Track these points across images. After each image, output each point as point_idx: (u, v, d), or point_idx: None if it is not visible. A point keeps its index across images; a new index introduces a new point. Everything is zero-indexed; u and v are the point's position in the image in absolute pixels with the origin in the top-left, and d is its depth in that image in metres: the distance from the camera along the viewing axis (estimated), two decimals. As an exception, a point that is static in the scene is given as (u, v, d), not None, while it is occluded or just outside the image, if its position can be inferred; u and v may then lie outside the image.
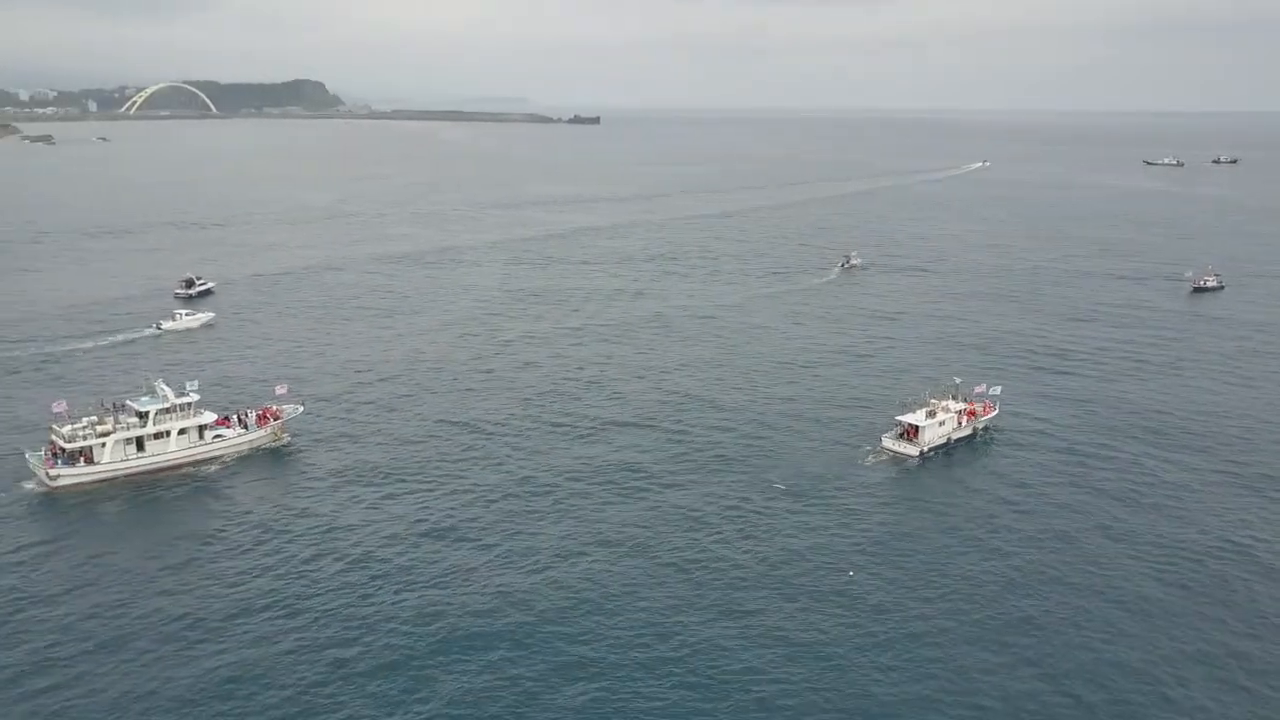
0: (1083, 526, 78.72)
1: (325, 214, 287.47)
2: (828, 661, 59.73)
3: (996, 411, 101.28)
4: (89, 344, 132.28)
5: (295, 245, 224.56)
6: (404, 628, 62.75)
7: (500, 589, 67.60)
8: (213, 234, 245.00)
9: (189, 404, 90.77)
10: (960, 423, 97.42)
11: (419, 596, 66.55)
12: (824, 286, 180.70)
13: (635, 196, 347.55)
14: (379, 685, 56.99)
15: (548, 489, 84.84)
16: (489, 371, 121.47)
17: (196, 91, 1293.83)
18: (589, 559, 71.93)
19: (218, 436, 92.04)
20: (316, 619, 63.73)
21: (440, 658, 59.71)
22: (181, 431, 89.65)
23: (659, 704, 55.70)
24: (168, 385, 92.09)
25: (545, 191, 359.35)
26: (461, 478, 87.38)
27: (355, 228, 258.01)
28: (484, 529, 77.03)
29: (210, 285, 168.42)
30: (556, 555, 72.56)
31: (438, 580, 68.87)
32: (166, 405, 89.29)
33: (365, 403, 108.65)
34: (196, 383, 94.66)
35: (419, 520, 78.39)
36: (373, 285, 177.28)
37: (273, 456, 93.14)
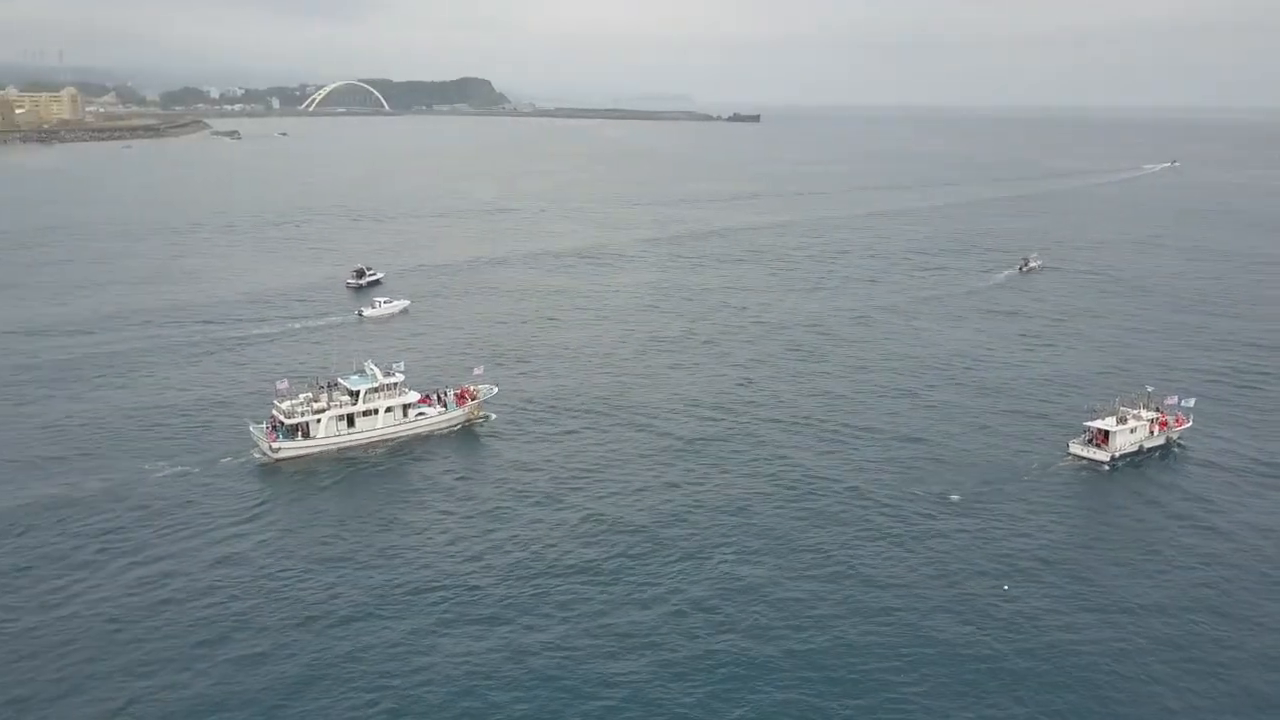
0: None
1: (489, 209, 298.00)
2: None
3: (1189, 424, 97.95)
4: (297, 325, 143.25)
5: (460, 239, 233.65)
6: (573, 616, 65.81)
7: (671, 590, 69.49)
8: (383, 226, 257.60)
9: (395, 384, 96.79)
10: (1152, 432, 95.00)
11: (589, 582, 69.62)
12: (994, 289, 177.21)
13: (793, 195, 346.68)
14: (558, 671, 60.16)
15: (717, 485, 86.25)
16: (649, 365, 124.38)
17: (370, 89, 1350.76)
18: (760, 566, 71.92)
19: (420, 414, 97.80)
20: (500, 600, 67.39)
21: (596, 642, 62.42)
22: (388, 409, 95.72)
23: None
24: (376, 366, 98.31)
25: (702, 189, 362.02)
26: (629, 468, 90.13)
27: (517, 223, 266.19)
28: (654, 523, 78.86)
29: (379, 275, 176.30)
30: (732, 556, 73.47)
31: (618, 566, 71.78)
32: (375, 385, 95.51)
33: (547, 387, 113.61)
34: (403, 364, 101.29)
35: (600, 509, 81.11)
36: (537, 279, 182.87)
37: (470, 434, 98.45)
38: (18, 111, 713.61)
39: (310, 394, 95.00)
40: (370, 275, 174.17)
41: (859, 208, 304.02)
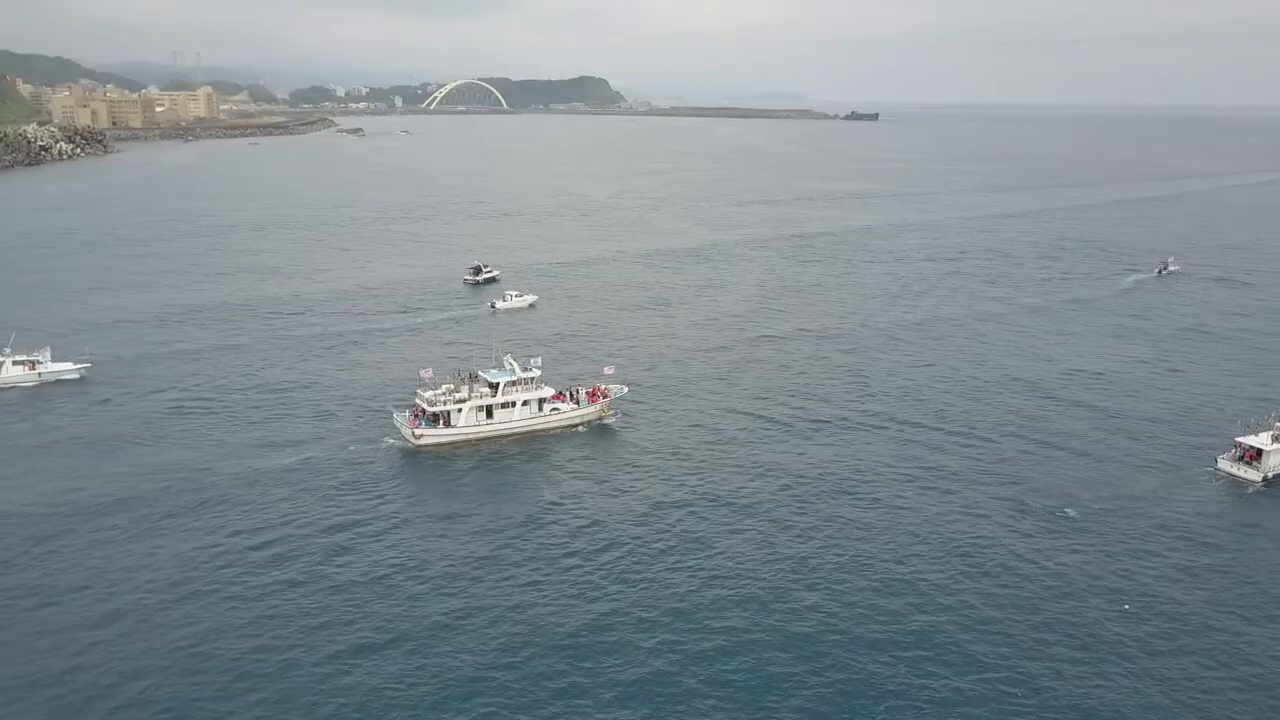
0: None
1: (602, 207, 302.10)
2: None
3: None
4: (419, 319, 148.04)
5: (574, 237, 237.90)
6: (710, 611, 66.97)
7: (787, 587, 70.45)
8: (499, 223, 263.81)
9: (532, 378, 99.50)
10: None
11: (713, 578, 70.63)
12: (1125, 293, 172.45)
13: (910, 195, 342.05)
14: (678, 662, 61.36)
15: (833, 491, 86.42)
16: (764, 366, 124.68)
17: (490, 88, 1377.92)
18: (876, 571, 72.12)
19: (554, 410, 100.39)
20: (618, 594, 69.03)
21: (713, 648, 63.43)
22: (524, 403, 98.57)
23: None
24: (514, 360, 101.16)
25: (815, 188, 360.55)
26: (754, 463, 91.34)
27: (630, 221, 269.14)
28: (771, 524, 79.82)
29: (496, 273, 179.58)
30: (848, 562, 73.95)
31: (735, 566, 72.81)
32: (514, 378, 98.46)
33: (669, 385, 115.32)
34: (540, 359, 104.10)
35: (724, 507, 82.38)
36: (651, 277, 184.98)
37: (599, 431, 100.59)
38: (158, 110, 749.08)
39: (452, 384, 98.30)
40: (487, 272, 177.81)
41: (979, 209, 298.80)
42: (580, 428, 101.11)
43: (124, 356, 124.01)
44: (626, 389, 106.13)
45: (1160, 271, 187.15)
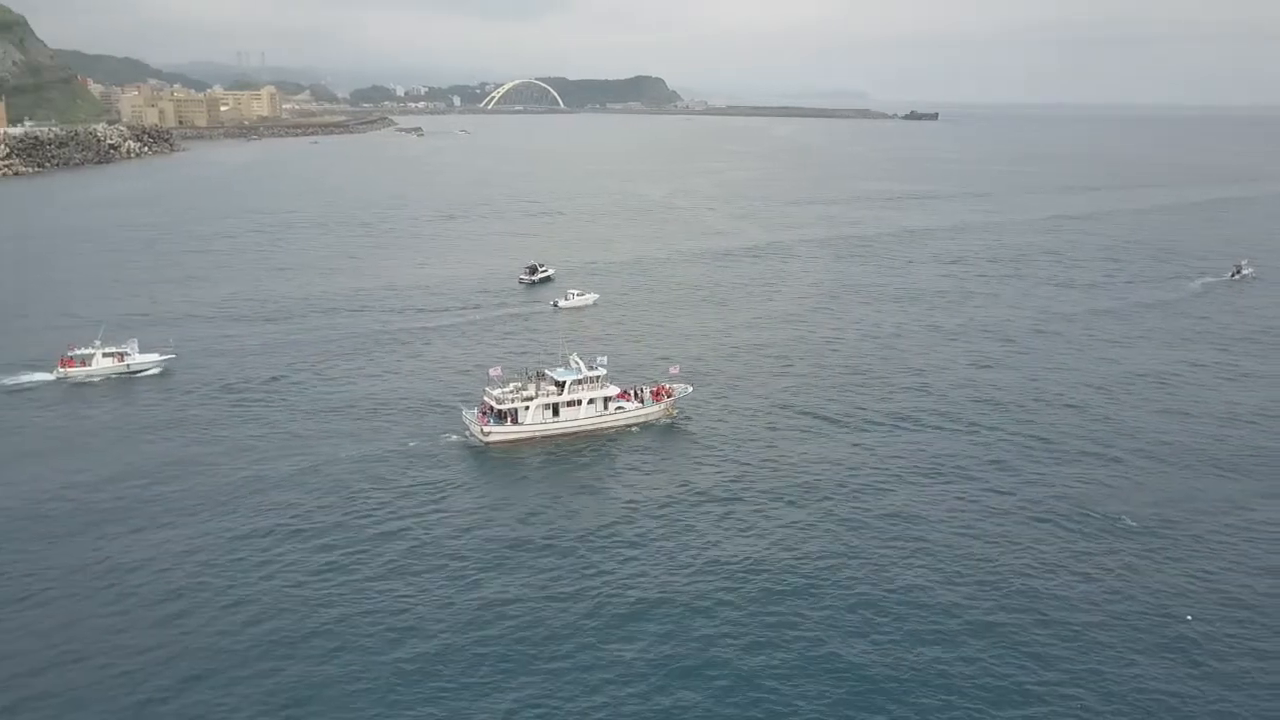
0: None
1: (658, 206, 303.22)
2: None
3: None
4: (477, 316, 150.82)
5: (630, 236, 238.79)
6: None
7: (845, 597, 70.72)
8: (555, 222, 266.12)
9: (598, 377, 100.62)
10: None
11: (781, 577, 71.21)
12: (1193, 298, 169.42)
13: (971, 195, 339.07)
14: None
15: (892, 491, 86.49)
16: (826, 367, 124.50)
17: (547, 87, 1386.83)
18: (931, 576, 72.26)
19: (619, 408, 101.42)
20: (688, 591, 69.70)
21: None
22: (590, 401, 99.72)
23: None
24: (580, 359, 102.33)
25: (874, 188, 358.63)
26: (815, 461, 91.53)
27: (686, 220, 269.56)
28: (837, 525, 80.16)
29: (551, 272, 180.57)
30: (899, 561, 74.31)
31: (794, 566, 73.27)
32: (580, 377, 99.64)
33: (736, 385, 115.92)
34: (605, 358, 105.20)
35: (782, 510, 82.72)
36: (708, 277, 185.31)
37: (664, 430, 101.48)
38: (223, 109, 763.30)
39: (519, 382, 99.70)
40: (542, 271, 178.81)
41: (1041, 209, 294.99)
42: (635, 428, 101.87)
43: (197, 349, 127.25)
44: (691, 388, 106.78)
45: (1234, 275, 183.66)
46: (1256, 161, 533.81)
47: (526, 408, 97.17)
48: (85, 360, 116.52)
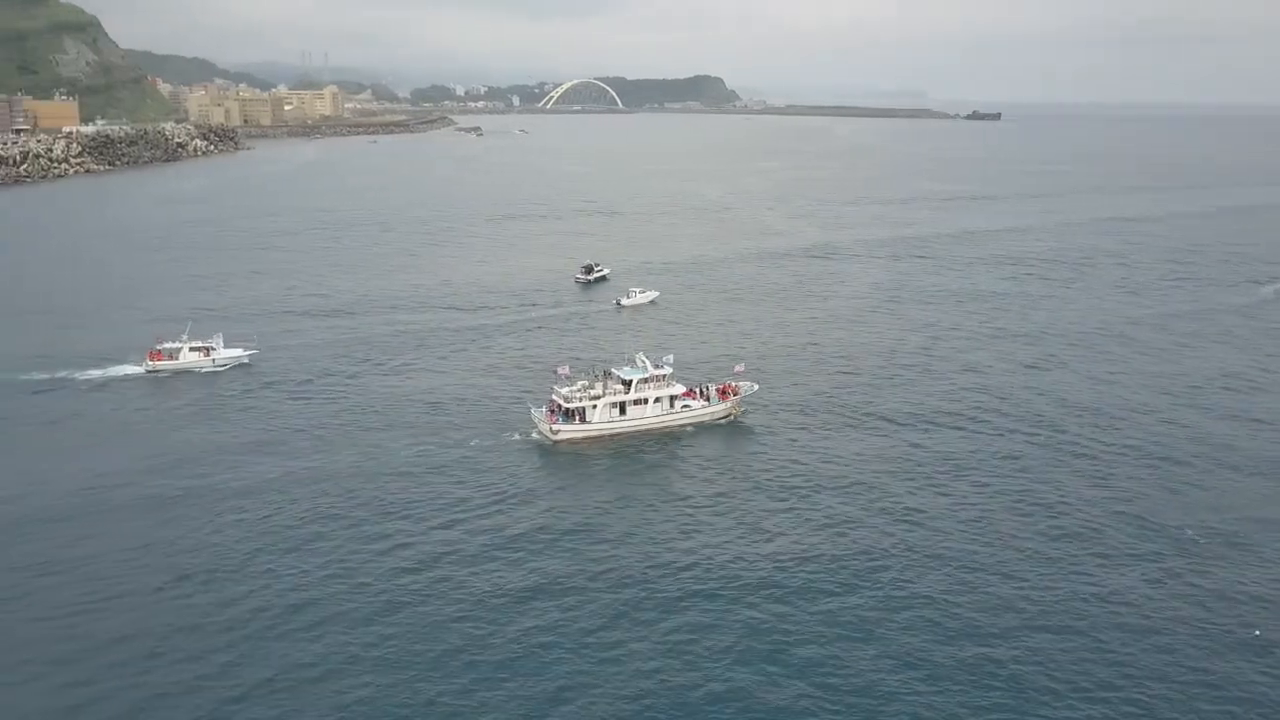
0: None
1: (714, 206, 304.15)
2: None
3: None
4: (534, 314, 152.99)
5: (688, 236, 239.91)
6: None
7: (911, 598, 71.21)
8: (611, 221, 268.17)
9: (664, 375, 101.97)
10: None
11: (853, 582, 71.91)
12: (1266, 303, 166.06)
13: (1035, 196, 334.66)
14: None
15: (958, 495, 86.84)
16: (889, 368, 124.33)
17: (605, 87, 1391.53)
18: (1001, 583, 72.42)
19: (685, 407, 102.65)
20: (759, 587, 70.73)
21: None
22: (657, 400, 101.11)
23: None
24: (647, 357, 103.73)
25: (935, 189, 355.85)
26: (873, 472, 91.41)
27: (743, 220, 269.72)
28: (896, 525, 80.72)
29: (606, 271, 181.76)
30: (955, 571, 74.61)
31: (860, 567, 73.85)
32: (646, 375, 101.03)
33: (800, 384, 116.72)
34: (671, 356, 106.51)
35: (846, 510, 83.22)
36: (766, 277, 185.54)
37: (730, 428, 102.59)
38: (286, 108, 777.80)
39: (586, 381, 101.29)
40: (598, 271, 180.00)
41: (1106, 211, 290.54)
42: (711, 425, 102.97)
43: (270, 344, 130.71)
44: (757, 386, 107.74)
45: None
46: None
47: (594, 406, 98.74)
48: (173, 354, 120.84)
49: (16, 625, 63.95)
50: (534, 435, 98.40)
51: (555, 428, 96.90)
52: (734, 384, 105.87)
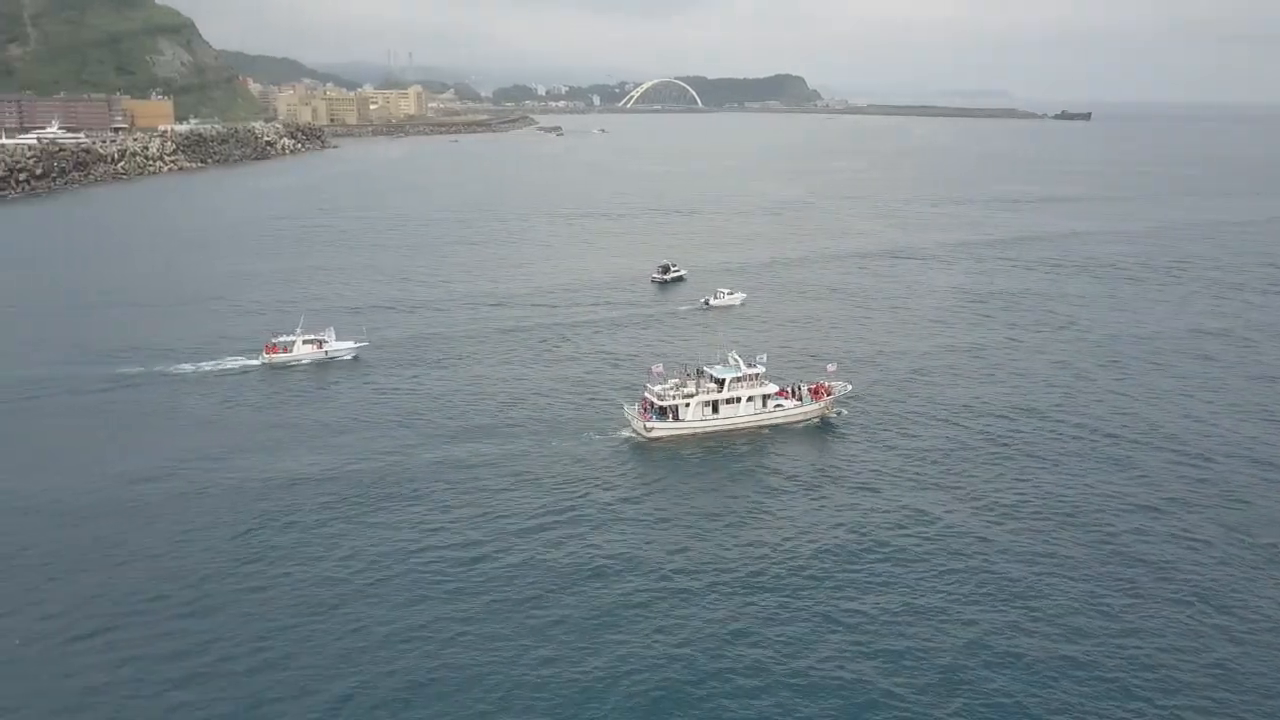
0: None
1: (794, 205, 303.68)
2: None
3: None
4: (615, 313, 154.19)
5: (766, 236, 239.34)
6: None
7: (984, 609, 70.78)
8: (689, 221, 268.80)
9: (757, 374, 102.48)
10: None
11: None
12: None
13: (1124, 199, 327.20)
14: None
15: (1045, 497, 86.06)
16: (974, 372, 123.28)
17: (685, 86, 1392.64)
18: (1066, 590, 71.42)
19: (778, 406, 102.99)
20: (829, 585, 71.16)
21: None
22: (749, 399, 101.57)
23: None
24: (739, 356, 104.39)
25: (1019, 190, 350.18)
26: (960, 473, 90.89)
27: (822, 221, 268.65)
28: (981, 524, 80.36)
29: (683, 272, 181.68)
30: (1040, 585, 74.01)
31: (943, 568, 73.65)
32: (739, 374, 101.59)
33: (891, 384, 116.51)
34: (765, 355, 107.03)
35: (933, 511, 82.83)
36: (847, 278, 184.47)
37: (823, 428, 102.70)
38: (372, 108, 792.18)
39: (679, 379, 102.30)
40: (674, 271, 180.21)
41: (1202, 215, 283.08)
42: (804, 425, 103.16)
43: (384, 339, 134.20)
44: (850, 386, 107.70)
45: None
46: None
47: (687, 404, 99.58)
48: (287, 347, 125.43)
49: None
50: (624, 433, 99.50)
51: (649, 425, 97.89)
52: (827, 383, 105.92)
